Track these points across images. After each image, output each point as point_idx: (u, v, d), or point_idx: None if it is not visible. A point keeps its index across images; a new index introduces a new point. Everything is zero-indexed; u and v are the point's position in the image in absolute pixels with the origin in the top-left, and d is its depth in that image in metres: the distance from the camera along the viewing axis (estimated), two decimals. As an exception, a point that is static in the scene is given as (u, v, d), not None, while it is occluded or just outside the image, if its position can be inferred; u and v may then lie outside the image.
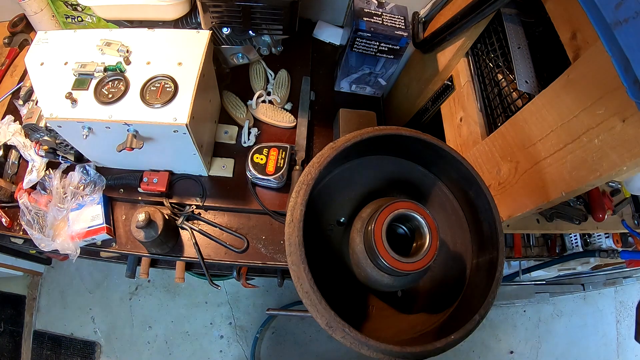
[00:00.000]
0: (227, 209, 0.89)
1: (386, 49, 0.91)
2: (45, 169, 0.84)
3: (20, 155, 0.87)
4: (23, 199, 0.78)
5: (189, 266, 1.06)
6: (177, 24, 0.79)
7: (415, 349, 0.46)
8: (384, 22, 0.88)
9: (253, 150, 0.86)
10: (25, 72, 0.95)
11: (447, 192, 0.68)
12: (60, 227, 0.80)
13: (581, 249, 1.20)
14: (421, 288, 0.63)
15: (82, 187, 0.81)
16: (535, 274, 1.56)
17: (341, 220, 0.66)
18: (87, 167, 0.83)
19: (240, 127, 0.94)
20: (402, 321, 0.60)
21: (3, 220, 0.82)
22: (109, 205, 0.85)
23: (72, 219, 0.79)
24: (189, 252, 0.85)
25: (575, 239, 1.20)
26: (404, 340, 0.48)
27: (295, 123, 0.97)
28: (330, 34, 1.13)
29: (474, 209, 0.63)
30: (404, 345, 0.46)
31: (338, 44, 1.13)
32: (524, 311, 1.97)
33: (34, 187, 0.83)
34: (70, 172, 0.82)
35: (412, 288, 0.63)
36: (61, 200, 0.79)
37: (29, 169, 0.84)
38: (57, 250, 0.78)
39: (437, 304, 0.60)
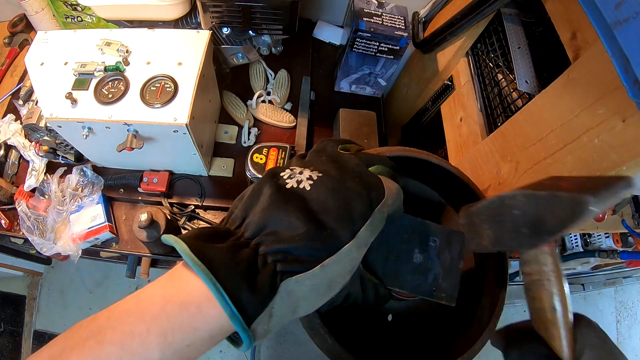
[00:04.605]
0: (227, 208, 0.88)
1: (386, 49, 0.91)
2: (44, 171, 0.84)
3: (21, 155, 0.87)
4: (21, 206, 0.78)
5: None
6: (177, 24, 0.79)
7: None
8: (384, 22, 0.88)
9: (253, 150, 0.86)
10: (25, 72, 0.95)
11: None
12: (61, 230, 0.79)
13: (581, 249, 1.19)
14: (417, 312, 0.57)
15: (80, 189, 0.81)
16: (535, 273, 1.55)
17: None
18: (84, 169, 0.82)
19: (240, 127, 0.94)
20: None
21: (2, 222, 0.82)
22: (109, 205, 0.85)
23: (72, 220, 0.79)
24: (189, 252, 0.85)
25: (575, 239, 1.20)
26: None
27: (295, 123, 0.97)
28: (330, 34, 1.13)
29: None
30: None
31: (338, 44, 1.13)
32: (524, 311, 1.90)
33: (32, 191, 0.83)
34: (68, 175, 0.82)
35: (406, 312, 0.57)
36: (60, 203, 0.79)
37: (29, 169, 0.84)
38: (59, 252, 0.78)
39: (432, 331, 0.55)
